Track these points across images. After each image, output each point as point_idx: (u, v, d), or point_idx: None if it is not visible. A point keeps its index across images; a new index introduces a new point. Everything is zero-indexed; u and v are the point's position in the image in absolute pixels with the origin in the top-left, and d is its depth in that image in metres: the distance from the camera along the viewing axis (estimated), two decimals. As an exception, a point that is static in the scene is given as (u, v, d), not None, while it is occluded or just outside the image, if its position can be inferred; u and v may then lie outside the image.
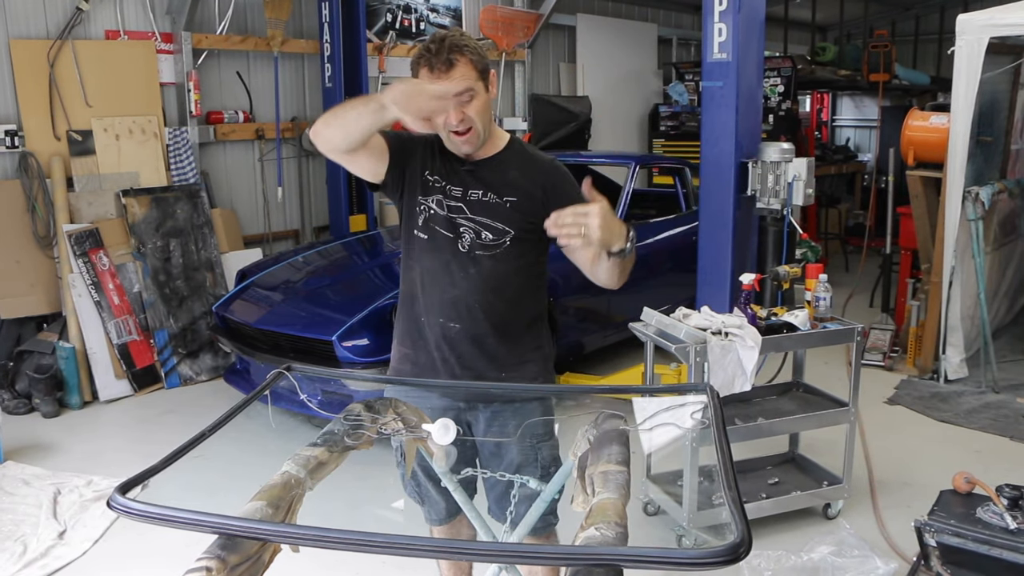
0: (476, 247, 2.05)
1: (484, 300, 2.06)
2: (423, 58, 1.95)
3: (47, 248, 4.99)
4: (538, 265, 2.15)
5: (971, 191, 4.87)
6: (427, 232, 2.09)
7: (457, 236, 2.06)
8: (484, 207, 2.06)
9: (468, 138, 2.00)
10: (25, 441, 4.26)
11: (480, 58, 1.98)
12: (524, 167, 2.10)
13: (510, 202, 2.05)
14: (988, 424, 4.45)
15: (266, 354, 4.18)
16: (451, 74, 1.92)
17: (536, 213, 1.99)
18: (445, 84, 1.90)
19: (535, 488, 1.95)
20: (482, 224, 2.05)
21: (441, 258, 2.07)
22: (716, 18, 4.20)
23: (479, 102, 1.98)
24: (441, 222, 2.07)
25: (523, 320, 2.14)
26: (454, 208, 2.06)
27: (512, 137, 2.17)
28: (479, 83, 1.97)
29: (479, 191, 2.06)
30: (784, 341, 3.35)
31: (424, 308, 2.11)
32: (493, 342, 2.09)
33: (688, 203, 5.94)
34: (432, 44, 1.95)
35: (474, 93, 1.96)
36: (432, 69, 1.94)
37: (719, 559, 1.09)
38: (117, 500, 1.26)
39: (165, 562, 3.06)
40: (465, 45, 1.95)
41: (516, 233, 2.05)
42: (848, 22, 11.87)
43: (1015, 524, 2.49)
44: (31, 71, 4.96)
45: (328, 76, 6.30)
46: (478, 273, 2.05)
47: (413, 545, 1.19)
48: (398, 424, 1.87)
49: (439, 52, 1.92)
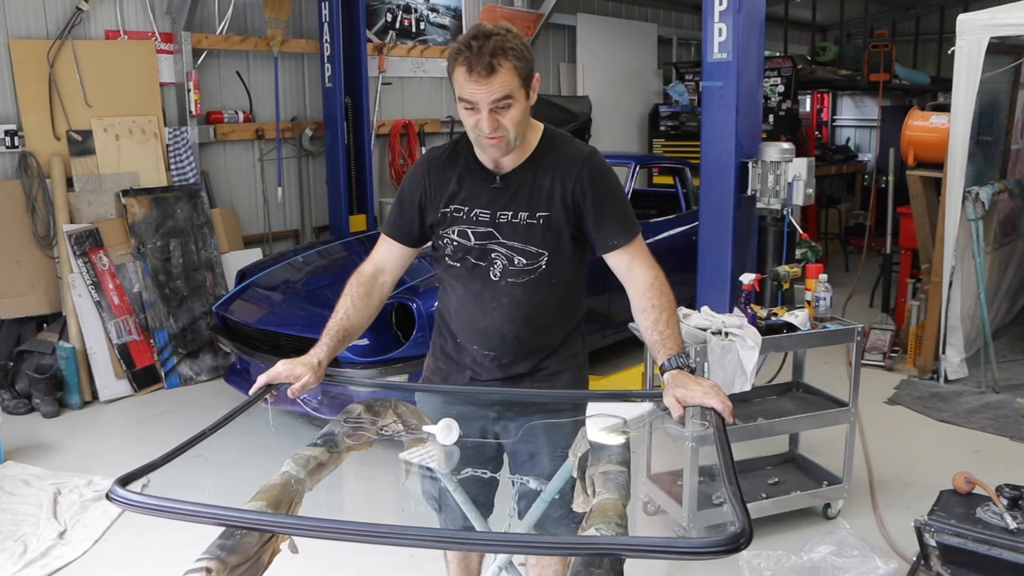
0: (508, 275, 1.95)
1: (517, 329, 1.98)
2: (462, 55, 1.76)
3: (47, 248, 4.99)
4: (576, 277, 2.03)
5: (971, 191, 4.87)
6: (457, 260, 1.99)
7: (489, 264, 1.95)
8: (515, 229, 1.93)
9: (497, 143, 1.85)
10: (25, 441, 4.26)
11: (524, 63, 1.80)
12: (556, 170, 1.94)
13: (543, 218, 1.93)
14: (988, 424, 4.45)
15: (266, 354, 4.18)
16: (491, 80, 1.75)
17: (572, 222, 1.93)
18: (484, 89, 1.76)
19: (535, 488, 1.95)
20: (514, 249, 1.93)
21: (472, 287, 1.98)
22: (716, 18, 4.20)
23: (516, 111, 1.82)
24: (470, 251, 1.96)
25: (559, 337, 2.06)
26: (482, 235, 1.95)
27: (545, 131, 1.99)
28: (520, 91, 1.81)
29: (509, 211, 1.93)
30: (784, 341, 3.35)
31: (457, 331, 2.06)
32: (528, 363, 2.03)
33: (688, 203, 5.94)
34: (475, 41, 1.76)
35: (512, 101, 1.80)
36: (471, 71, 1.76)
37: (720, 548, 1.09)
38: (117, 492, 1.26)
39: (165, 562, 3.07)
40: (511, 48, 1.77)
41: (551, 254, 1.94)
42: (848, 22, 11.87)
43: (1015, 524, 2.49)
44: (31, 71, 4.96)
45: (328, 76, 6.30)
46: (511, 302, 1.96)
47: (415, 536, 1.18)
48: (398, 425, 1.87)
49: (481, 53, 1.74)
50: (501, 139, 1.84)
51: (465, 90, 1.80)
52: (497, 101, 1.79)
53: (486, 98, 1.78)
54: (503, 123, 1.82)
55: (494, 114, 1.80)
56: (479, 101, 1.79)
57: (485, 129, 1.81)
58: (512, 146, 1.88)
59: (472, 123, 1.84)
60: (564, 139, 2.03)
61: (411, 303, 3.94)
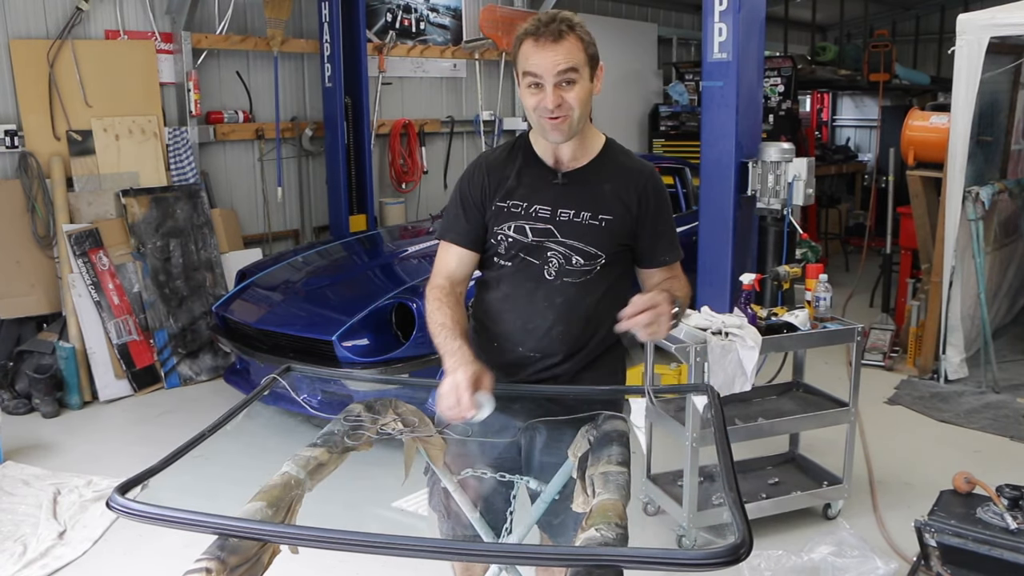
0: (564, 274, 1.90)
1: (567, 331, 1.93)
2: (529, 31, 1.80)
3: (47, 248, 4.99)
4: (623, 285, 1.99)
5: (971, 191, 4.87)
6: (509, 259, 1.94)
7: (544, 262, 1.91)
8: (576, 228, 1.89)
9: (558, 124, 1.81)
10: (25, 441, 4.25)
11: (591, 43, 1.82)
12: (620, 178, 1.93)
13: (605, 221, 1.89)
14: (988, 424, 4.45)
15: (266, 354, 4.18)
16: (558, 46, 1.76)
17: (630, 231, 1.92)
18: (550, 57, 1.76)
19: (535, 488, 1.94)
20: (573, 248, 1.89)
21: (525, 286, 1.92)
22: (716, 18, 4.20)
23: (581, 89, 1.80)
24: (526, 248, 1.92)
25: (604, 345, 1.99)
26: (541, 231, 1.90)
27: (607, 141, 2.00)
28: (585, 68, 1.80)
29: (571, 210, 1.90)
30: (784, 341, 3.35)
31: (501, 332, 1.98)
32: (570, 370, 1.97)
33: (688, 203, 5.94)
34: (544, 16, 1.81)
35: (577, 76, 1.79)
36: (538, 39, 1.77)
37: (720, 560, 1.10)
38: (116, 500, 1.26)
39: (165, 562, 3.06)
40: (579, 24, 1.81)
41: (608, 257, 1.91)
42: (848, 22, 11.87)
43: (1015, 524, 2.49)
44: (31, 71, 4.96)
45: (328, 76, 6.30)
46: (564, 303, 1.92)
47: (413, 545, 1.19)
48: (398, 425, 1.87)
49: (550, 23, 1.77)
50: (564, 119, 1.81)
51: (531, 61, 1.79)
52: (563, 72, 1.77)
53: (551, 68, 1.77)
54: (567, 100, 1.79)
55: (558, 90, 1.78)
56: (544, 72, 1.78)
57: (549, 105, 1.78)
58: (574, 130, 1.85)
59: (535, 102, 1.81)
60: (627, 152, 2.04)
61: (411, 303, 3.94)
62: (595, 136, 1.97)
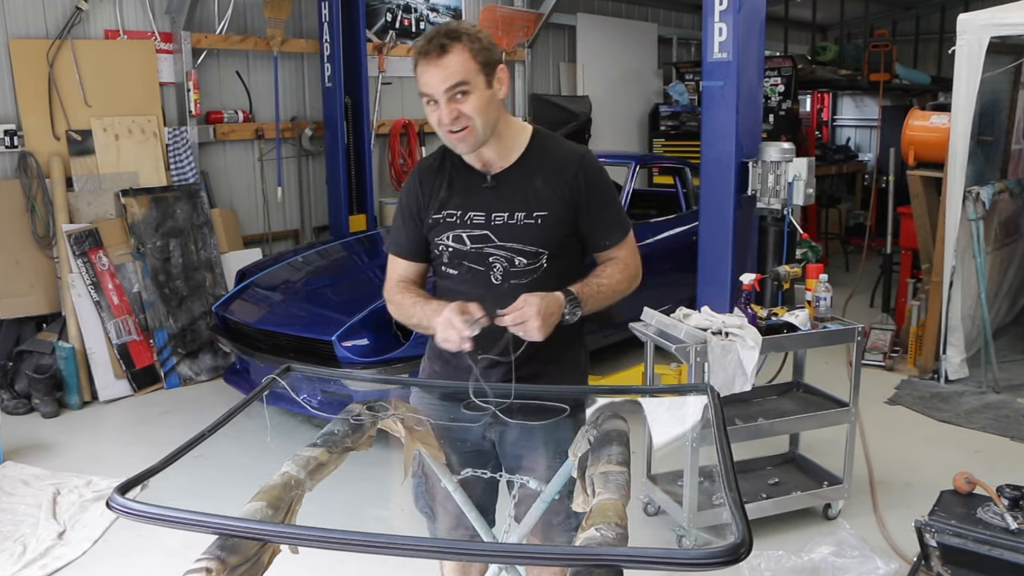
0: (510, 276, 1.90)
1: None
2: (417, 49, 1.80)
3: (46, 248, 4.99)
4: (576, 272, 1.97)
5: (972, 191, 4.86)
6: (455, 268, 1.95)
7: (488, 268, 1.91)
8: (512, 230, 1.89)
9: (463, 136, 1.81)
10: (25, 441, 4.25)
11: (482, 48, 1.78)
12: (551, 170, 1.91)
13: (541, 218, 1.89)
14: (989, 424, 4.45)
15: (266, 354, 4.17)
16: (443, 61, 1.75)
17: (571, 220, 1.91)
18: (436, 73, 1.76)
19: (535, 488, 1.94)
20: (513, 250, 1.89)
21: (474, 293, 1.89)
22: (716, 18, 4.20)
23: (476, 98, 1.78)
24: (467, 256, 1.92)
25: (562, 339, 1.93)
26: (478, 238, 1.90)
27: (534, 132, 1.96)
28: (478, 77, 1.77)
29: (504, 212, 1.89)
30: (784, 341, 3.35)
31: None
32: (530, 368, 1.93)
33: (688, 203, 5.94)
34: (430, 32, 1.80)
35: (468, 88, 1.76)
36: (425, 55, 1.77)
37: (720, 559, 1.09)
38: (116, 500, 1.26)
39: (165, 562, 3.06)
40: (465, 32, 1.77)
41: (551, 251, 1.91)
42: (848, 22, 11.87)
43: (1016, 524, 2.48)
44: (30, 71, 4.96)
45: (328, 76, 6.30)
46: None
47: (413, 545, 1.18)
48: (398, 425, 1.87)
49: (433, 38, 1.76)
50: (467, 130, 1.80)
51: (422, 80, 1.80)
52: (452, 88, 1.76)
53: (440, 84, 1.76)
54: (464, 111, 1.78)
55: (452, 103, 1.77)
56: (434, 90, 1.77)
57: (445, 120, 1.78)
58: (482, 138, 1.84)
59: (435, 119, 1.81)
60: (556, 140, 2.01)
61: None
62: (519, 132, 1.95)
